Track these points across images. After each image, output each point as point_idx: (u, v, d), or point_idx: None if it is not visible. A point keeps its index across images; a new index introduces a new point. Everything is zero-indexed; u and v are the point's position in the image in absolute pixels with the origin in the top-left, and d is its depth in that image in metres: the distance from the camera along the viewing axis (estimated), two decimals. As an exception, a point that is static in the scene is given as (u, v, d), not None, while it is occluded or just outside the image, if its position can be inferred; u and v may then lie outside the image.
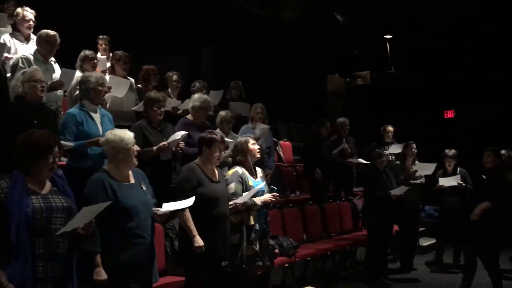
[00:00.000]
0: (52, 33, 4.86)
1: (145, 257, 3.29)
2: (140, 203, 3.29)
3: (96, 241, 3.09)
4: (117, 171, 3.32)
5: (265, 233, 4.47)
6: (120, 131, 3.40)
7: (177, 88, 6.30)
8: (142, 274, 3.29)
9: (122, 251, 3.19)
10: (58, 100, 4.94)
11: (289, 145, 8.97)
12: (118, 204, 3.19)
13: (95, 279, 3.08)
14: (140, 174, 3.49)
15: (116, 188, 3.23)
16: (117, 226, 3.19)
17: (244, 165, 4.38)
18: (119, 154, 3.31)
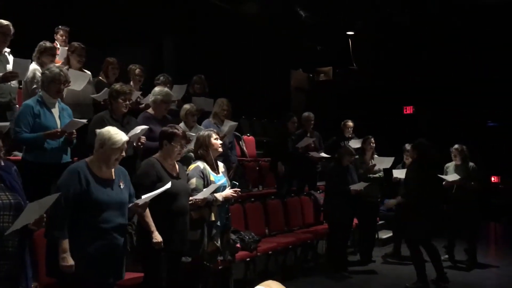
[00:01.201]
0: (5, 23, 4.67)
1: (111, 253, 3.24)
2: (113, 199, 3.26)
3: (62, 227, 3.05)
4: (97, 165, 3.29)
5: (227, 228, 4.48)
6: (115, 130, 3.35)
7: (140, 82, 6.20)
8: (107, 269, 3.25)
9: (88, 244, 3.15)
10: (12, 92, 4.76)
11: (252, 139, 8.98)
12: (88, 196, 3.15)
13: (62, 265, 3.03)
14: (122, 173, 3.44)
15: (90, 180, 3.19)
16: (85, 218, 3.16)
17: (206, 159, 4.36)
18: (101, 149, 3.27)
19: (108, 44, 7.63)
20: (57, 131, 3.97)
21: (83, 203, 3.14)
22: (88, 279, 3.15)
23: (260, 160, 8.36)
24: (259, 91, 10.83)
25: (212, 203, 4.21)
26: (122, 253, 3.39)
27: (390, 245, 7.97)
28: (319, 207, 7.67)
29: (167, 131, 3.98)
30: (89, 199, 3.16)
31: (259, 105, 10.69)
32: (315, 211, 7.76)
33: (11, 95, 4.72)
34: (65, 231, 3.08)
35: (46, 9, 7.05)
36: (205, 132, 4.48)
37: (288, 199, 7.31)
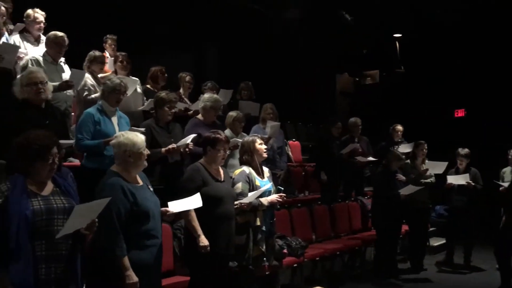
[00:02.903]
0: (60, 34, 4.90)
1: (156, 258, 3.29)
2: (153, 204, 3.30)
3: (122, 245, 3.08)
4: (127, 173, 3.30)
5: (271, 233, 4.46)
6: (132, 134, 3.37)
7: (189, 89, 6.34)
8: (153, 275, 3.29)
9: (141, 254, 3.18)
10: (68, 100, 4.98)
11: (297, 144, 8.95)
12: (138, 207, 3.17)
13: (127, 283, 3.06)
14: (143, 175, 3.47)
15: (134, 191, 3.21)
16: (135, 228, 3.18)
17: (251, 164, 4.38)
18: (130, 158, 3.27)
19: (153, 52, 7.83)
20: None
21: (133, 214, 3.16)
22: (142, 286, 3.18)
23: (306, 165, 8.32)
24: (304, 96, 10.78)
25: (257, 208, 4.21)
26: (162, 257, 3.42)
27: (442, 253, 7.71)
28: (366, 213, 7.53)
29: (210, 136, 4.03)
30: (138, 209, 3.18)
31: (305, 110, 10.64)
32: (362, 217, 7.63)
33: (67, 103, 4.94)
34: (124, 248, 3.09)
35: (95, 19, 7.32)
36: (250, 138, 4.51)
37: (335, 205, 7.22)
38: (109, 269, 3.09)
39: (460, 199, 6.94)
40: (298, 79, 10.62)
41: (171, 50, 8.59)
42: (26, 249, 2.60)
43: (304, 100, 10.77)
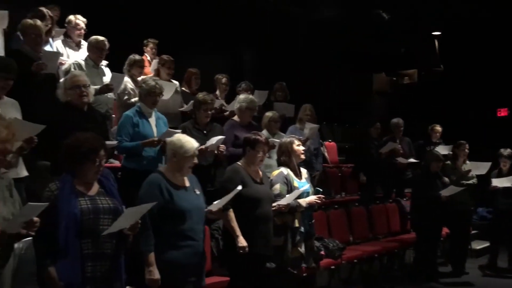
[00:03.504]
0: (100, 38, 5.03)
1: (195, 260, 3.32)
2: (194, 206, 3.33)
3: (149, 241, 3.15)
4: (172, 174, 3.36)
5: (310, 235, 4.44)
6: (186, 138, 3.42)
7: (225, 91, 6.38)
8: (191, 276, 3.32)
9: (173, 253, 3.23)
10: (109, 103, 5.10)
11: (333, 145, 8.86)
12: (173, 206, 3.24)
13: (148, 278, 3.13)
14: (194, 178, 3.52)
15: (171, 190, 3.28)
16: (169, 227, 3.23)
17: (289, 166, 4.36)
18: (174, 159, 3.35)
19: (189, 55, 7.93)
20: (154, 140, 4.19)
21: (167, 213, 3.22)
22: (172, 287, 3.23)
23: (342, 167, 8.23)
24: (340, 96, 10.68)
25: (295, 209, 4.20)
26: (204, 261, 3.47)
27: (485, 257, 7.47)
28: (405, 215, 7.39)
29: (250, 138, 4.04)
30: (172, 208, 3.24)
31: (341, 111, 10.54)
32: (401, 218, 7.49)
33: (108, 106, 5.06)
34: (152, 244, 3.16)
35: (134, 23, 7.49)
36: (287, 139, 4.50)
37: (373, 206, 7.12)
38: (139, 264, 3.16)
39: (506, 202, 6.71)
40: (334, 79, 10.52)
41: (207, 53, 8.68)
42: (74, 246, 2.68)
43: (340, 101, 10.66)
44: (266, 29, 9.47)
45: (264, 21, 9.46)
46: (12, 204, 2.48)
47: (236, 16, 9.20)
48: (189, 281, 3.31)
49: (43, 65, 4.20)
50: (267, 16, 9.54)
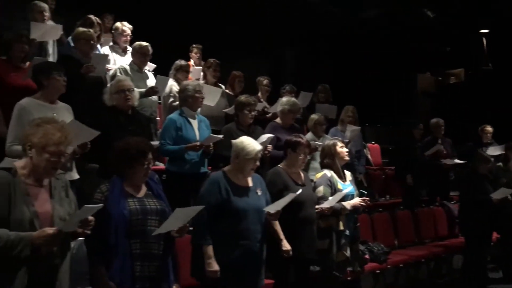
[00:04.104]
0: (144, 44, 5.17)
1: (250, 260, 3.35)
2: (251, 207, 3.39)
3: (205, 235, 3.23)
4: (234, 174, 3.45)
5: (355, 238, 4.39)
6: (248, 140, 3.49)
7: (267, 92, 6.39)
8: (246, 276, 3.36)
9: (229, 251, 3.29)
10: (153, 105, 5.22)
11: (377, 147, 8.71)
12: (229, 205, 3.32)
13: (207, 270, 3.19)
14: (259, 179, 3.58)
15: (230, 190, 3.35)
16: (225, 226, 3.31)
17: (332, 168, 4.32)
18: (237, 160, 3.44)
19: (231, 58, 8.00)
20: (196, 144, 4.25)
21: (224, 211, 3.30)
22: (229, 285, 3.27)
23: (386, 169, 8.07)
24: (383, 97, 10.49)
25: (340, 212, 4.15)
26: (261, 260, 3.48)
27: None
28: (453, 219, 7.16)
29: (291, 140, 4.04)
30: (229, 207, 3.31)
31: (384, 112, 10.35)
32: (448, 222, 7.27)
33: (152, 109, 5.18)
34: (209, 238, 3.25)
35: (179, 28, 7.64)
36: (331, 141, 4.47)
37: (419, 210, 6.95)
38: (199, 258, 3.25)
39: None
40: (377, 79, 10.35)
41: (249, 56, 8.73)
42: (124, 246, 2.77)
43: (383, 102, 10.47)
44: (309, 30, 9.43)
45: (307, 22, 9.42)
46: (68, 204, 2.57)
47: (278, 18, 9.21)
48: (245, 280, 3.35)
49: (91, 68, 4.34)
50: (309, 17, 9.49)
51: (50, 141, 2.40)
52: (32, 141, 2.42)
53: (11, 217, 2.32)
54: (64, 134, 2.46)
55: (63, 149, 2.45)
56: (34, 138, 2.42)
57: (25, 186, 2.40)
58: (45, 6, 5.30)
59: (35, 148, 2.41)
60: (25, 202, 2.37)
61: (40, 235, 2.31)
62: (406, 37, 10.44)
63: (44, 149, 2.40)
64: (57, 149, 2.42)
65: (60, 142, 2.43)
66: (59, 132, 2.43)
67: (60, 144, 2.43)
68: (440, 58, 11.57)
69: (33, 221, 2.36)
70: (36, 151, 2.41)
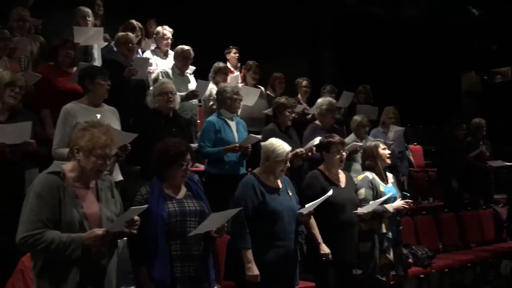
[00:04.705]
0: (186, 48, 5.25)
1: (286, 260, 3.35)
2: (285, 208, 3.39)
3: (247, 239, 3.23)
4: (265, 176, 3.44)
5: (398, 241, 4.29)
6: (279, 142, 3.48)
7: (307, 93, 6.36)
8: (283, 276, 3.36)
9: (265, 252, 3.29)
10: (193, 109, 5.29)
11: (419, 149, 8.52)
12: (265, 207, 3.32)
13: (248, 274, 3.20)
14: (287, 180, 3.57)
15: (264, 192, 3.36)
16: (262, 227, 3.31)
17: (374, 170, 4.25)
18: (267, 162, 3.43)
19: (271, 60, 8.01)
20: (235, 146, 4.28)
21: (260, 213, 3.30)
22: (266, 286, 3.26)
23: (429, 171, 7.87)
24: (425, 97, 10.25)
25: (382, 215, 4.07)
26: (296, 261, 3.47)
27: None
28: (501, 223, 6.91)
29: (323, 141, 4.02)
30: (265, 209, 3.31)
31: (426, 112, 10.10)
32: (496, 226, 7.01)
33: (193, 111, 5.25)
34: (249, 242, 3.24)
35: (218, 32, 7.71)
36: (372, 143, 4.39)
37: (464, 213, 6.73)
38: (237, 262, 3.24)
39: None
40: (419, 79, 10.12)
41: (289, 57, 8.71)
42: (163, 248, 2.82)
43: (426, 102, 10.23)
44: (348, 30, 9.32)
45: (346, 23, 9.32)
46: (114, 205, 2.64)
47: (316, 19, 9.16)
48: (281, 281, 3.34)
49: (133, 71, 4.44)
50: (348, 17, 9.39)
51: (97, 144, 2.47)
52: (80, 144, 2.49)
53: (62, 219, 2.40)
54: (109, 137, 2.52)
55: (109, 152, 2.51)
56: (81, 142, 2.49)
57: (73, 189, 2.48)
58: (88, 11, 5.47)
59: (82, 152, 2.48)
60: (74, 204, 2.44)
61: (89, 236, 2.39)
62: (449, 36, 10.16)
63: (91, 152, 2.47)
64: (103, 152, 2.48)
65: (106, 145, 2.49)
66: (104, 136, 2.50)
67: (106, 147, 2.49)
68: (486, 56, 11.18)
69: (83, 222, 2.44)
70: (83, 154, 2.48)
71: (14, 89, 3.32)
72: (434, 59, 10.21)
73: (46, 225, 2.35)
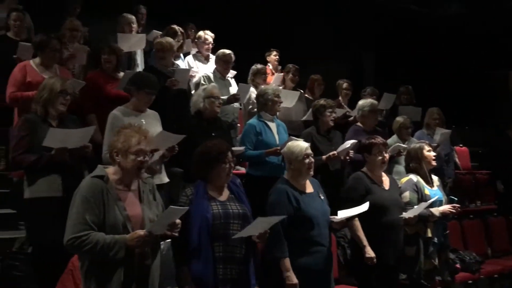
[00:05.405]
0: (227, 52, 5.30)
1: (323, 265, 3.31)
2: (320, 212, 3.34)
3: (284, 247, 3.20)
4: (295, 180, 3.40)
5: (445, 246, 4.20)
6: (294, 143, 3.46)
7: (347, 96, 6.29)
8: (320, 281, 3.32)
9: (302, 258, 3.25)
10: (235, 112, 5.34)
11: (465, 150, 8.25)
12: (301, 213, 3.27)
13: (288, 283, 3.16)
14: (317, 183, 3.53)
15: (298, 197, 3.32)
16: (298, 234, 3.26)
17: (419, 173, 4.16)
18: (292, 166, 3.40)
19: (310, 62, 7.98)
20: (277, 149, 4.26)
21: (295, 219, 3.25)
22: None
23: (477, 173, 7.62)
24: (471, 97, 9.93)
25: (427, 219, 3.97)
26: (331, 265, 3.43)
27: None
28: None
29: (365, 143, 3.95)
30: (300, 215, 3.27)
31: (472, 113, 9.79)
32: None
33: (234, 115, 5.29)
34: (286, 250, 3.20)
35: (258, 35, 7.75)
36: (417, 145, 4.30)
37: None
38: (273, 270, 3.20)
39: None
40: (464, 79, 9.82)
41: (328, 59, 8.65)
42: (207, 249, 2.84)
43: (471, 102, 9.91)
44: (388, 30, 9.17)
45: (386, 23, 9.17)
46: (156, 207, 2.70)
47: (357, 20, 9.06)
48: (319, 286, 3.31)
49: (175, 82, 4.51)
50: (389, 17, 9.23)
51: (131, 142, 2.57)
52: (117, 147, 2.59)
53: (106, 221, 2.48)
54: (142, 134, 2.62)
55: (144, 147, 2.60)
56: (118, 144, 2.59)
57: (116, 192, 2.56)
58: (132, 18, 5.61)
59: (120, 153, 2.58)
60: (117, 206, 2.52)
61: (132, 237, 2.45)
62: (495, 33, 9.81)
63: (128, 151, 2.56)
64: (139, 148, 2.57)
65: (139, 141, 2.58)
66: (137, 134, 2.60)
67: (140, 143, 2.58)
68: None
69: (126, 224, 2.51)
70: (122, 156, 2.58)
71: (65, 97, 3.44)
72: (480, 57, 9.89)
73: (91, 227, 2.44)
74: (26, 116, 3.43)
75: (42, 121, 3.37)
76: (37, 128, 3.31)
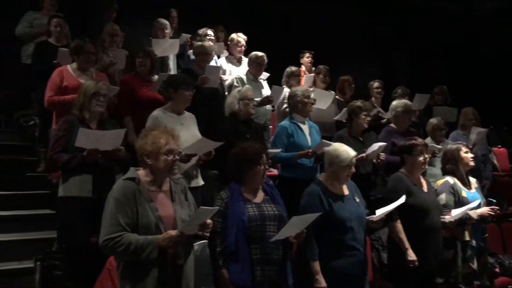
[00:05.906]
0: (260, 54, 5.33)
1: (358, 269, 3.29)
2: (354, 215, 3.31)
3: (314, 250, 3.19)
4: (331, 183, 3.38)
5: (483, 250, 4.10)
6: (343, 147, 3.41)
7: (380, 96, 6.21)
8: (354, 285, 3.29)
9: (336, 262, 3.23)
10: (267, 114, 5.36)
11: (504, 151, 8.01)
12: (333, 216, 3.25)
13: (316, 286, 3.16)
14: (354, 186, 3.49)
15: (331, 200, 3.30)
16: (331, 237, 3.25)
17: (456, 174, 4.08)
18: (331, 168, 3.37)
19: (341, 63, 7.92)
20: (308, 152, 4.25)
21: (327, 222, 3.22)
22: None
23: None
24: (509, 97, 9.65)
25: (465, 222, 3.89)
26: (366, 268, 3.40)
27: None
28: None
29: (405, 144, 3.90)
30: (333, 218, 3.24)
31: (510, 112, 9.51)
32: None
33: (266, 117, 5.32)
34: (316, 253, 3.19)
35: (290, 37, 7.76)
36: (454, 146, 4.22)
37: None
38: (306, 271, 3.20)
39: None
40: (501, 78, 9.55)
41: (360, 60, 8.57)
42: (244, 251, 2.86)
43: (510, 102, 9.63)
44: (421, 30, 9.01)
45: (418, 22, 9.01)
46: (188, 207, 2.74)
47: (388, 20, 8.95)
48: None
49: (205, 79, 4.56)
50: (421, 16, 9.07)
51: (160, 143, 2.62)
52: (147, 150, 2.64)
53: (139, 222, 2.53)
54: (169, 134, 2.67)
55: (173, 146, 2.65)
56: (147, 147, 2.64)
57: (148, 193, 2.61)
58: (166, 23, 5.71)
59: (151, 156, 2.63)
60: (150, 207, 2.57)
61: (165, 237, 2.49)
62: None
63: (159, 152, 2.61)
64: (169, 148, 2.63)
65: (167, 141, 2.64)
66: (164, 134, 2.65)
67: (169, 143, 2.64)
68: None
69: (159, 225, 2.55)
70: (153, 158, 2.62)
71: (99, 98, 3.52)
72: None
73: (125, 228, 2.49)
74: (66, 118, 3.54)
75: (80, 123, 3.46)
76: (74, 129, 3.39)
